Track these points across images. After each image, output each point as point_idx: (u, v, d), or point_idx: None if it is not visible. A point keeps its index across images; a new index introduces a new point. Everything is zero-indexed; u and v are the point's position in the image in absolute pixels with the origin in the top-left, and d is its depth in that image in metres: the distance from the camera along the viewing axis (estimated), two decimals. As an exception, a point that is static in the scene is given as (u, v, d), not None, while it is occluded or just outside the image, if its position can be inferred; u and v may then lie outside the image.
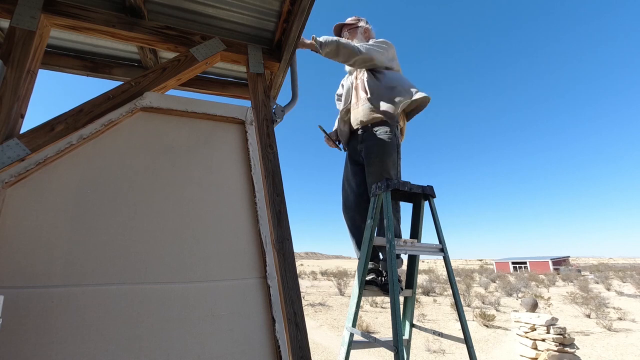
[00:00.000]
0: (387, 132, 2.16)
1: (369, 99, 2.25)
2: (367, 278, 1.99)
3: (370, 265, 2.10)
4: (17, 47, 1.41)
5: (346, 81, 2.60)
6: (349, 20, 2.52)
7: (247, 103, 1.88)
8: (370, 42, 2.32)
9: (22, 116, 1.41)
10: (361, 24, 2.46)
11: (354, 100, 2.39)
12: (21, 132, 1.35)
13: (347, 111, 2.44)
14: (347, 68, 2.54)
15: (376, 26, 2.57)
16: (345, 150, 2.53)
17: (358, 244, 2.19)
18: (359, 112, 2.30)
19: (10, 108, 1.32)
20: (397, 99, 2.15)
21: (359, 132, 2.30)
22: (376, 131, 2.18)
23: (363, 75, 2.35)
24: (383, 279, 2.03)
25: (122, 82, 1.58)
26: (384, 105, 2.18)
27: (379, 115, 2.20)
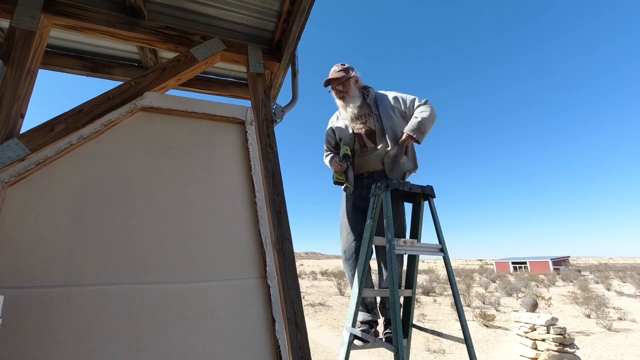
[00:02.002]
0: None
1: (379, 149, 2.15)
2: (360, 328, 1.93)
3: (368, 317, 2.04)
4: (17, 47, 1.41)
5: (336, 119, 2.42)
6: (335, 72, 2.24)
7: (247, 103, 1.89)
8: (408, 99, 2.20)
9: (22, 116, 1.41)
10: (352, 74, 2.24)
11: (357, 146, 2.26)
12: (21, 132, 1.35)
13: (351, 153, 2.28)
14: (338, 104, 2.31)
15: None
16: (346, 191, 2.31)
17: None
18: (366, 160, 2.20)
19: (10, 108, 1.32)
20: (405, 168, 2.15)
21: (365, 178, 2.19)
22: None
23: (365, 123, 2.23)
24: (386, 333, 1.97)
25: (122, 82, 1.58)
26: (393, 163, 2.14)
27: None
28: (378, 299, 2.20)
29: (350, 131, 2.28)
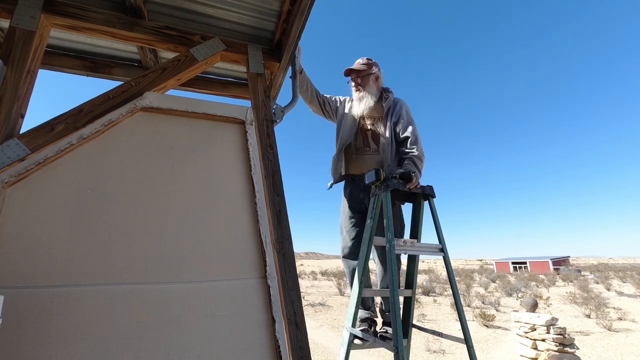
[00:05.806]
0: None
1: (380, 153, 2.15)
2: (359, 328, 1.93)
3: (365, 314, 2.04)
4: (17, 47, 1.41)
5: (347, 105, 2.38)
6: (359, 64, 2.28)
7: (247, 103, 1.89)
8: (404, 115, 2.14)
9: (22, 116, 1.41)
10: (374, 70, 2.26)
11: (359, 141, 2.24)
12: (21, 132, 1.35)
13: (348, 148, 2.26)
14: (354, 95, 2.30)
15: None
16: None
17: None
18: (364, 161, 2.18)
19: (10, 108, 1.32)
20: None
21: (362, 180, 2.14)
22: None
23: (374, 124, 2.23)
24: (381, 331, 1.97)
25: (122, 82, 1.58)
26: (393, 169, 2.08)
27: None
28: (378, 300, 2.20)
29: (356, 126, 2.28)
